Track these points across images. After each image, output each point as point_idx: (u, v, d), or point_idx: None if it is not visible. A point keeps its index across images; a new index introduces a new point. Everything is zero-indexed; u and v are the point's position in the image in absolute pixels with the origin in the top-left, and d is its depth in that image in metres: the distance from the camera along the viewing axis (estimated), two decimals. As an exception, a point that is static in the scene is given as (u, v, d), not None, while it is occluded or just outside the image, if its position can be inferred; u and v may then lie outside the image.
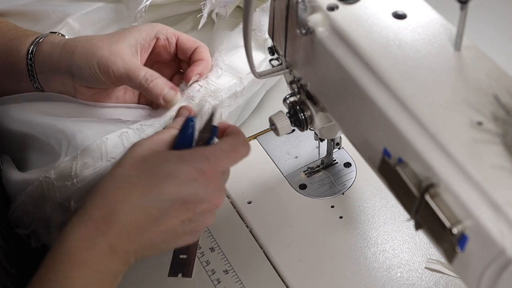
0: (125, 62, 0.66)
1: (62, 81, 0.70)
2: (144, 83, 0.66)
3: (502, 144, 0.41)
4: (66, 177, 0.64)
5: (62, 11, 0.85)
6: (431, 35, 0.49)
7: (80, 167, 0.64)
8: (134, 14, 0.81)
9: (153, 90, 0.66)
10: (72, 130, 0.66)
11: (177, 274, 0.68)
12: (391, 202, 0.73)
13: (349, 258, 0.69)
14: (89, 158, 0.65)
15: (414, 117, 0.44)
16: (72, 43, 0.69)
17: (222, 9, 0.79)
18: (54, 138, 0.67)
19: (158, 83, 0.67)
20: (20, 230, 0.68)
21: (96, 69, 0.66)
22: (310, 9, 0.53)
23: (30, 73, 0.70)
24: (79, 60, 0.67)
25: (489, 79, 0.46)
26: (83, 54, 0.67)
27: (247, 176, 0.78)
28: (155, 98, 0.67)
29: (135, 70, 0.66)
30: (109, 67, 0.66)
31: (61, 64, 0.68)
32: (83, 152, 0.65)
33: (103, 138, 0.65)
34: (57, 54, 0.68)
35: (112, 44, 0.68)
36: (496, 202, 0.39)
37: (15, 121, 0.70)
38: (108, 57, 0.66)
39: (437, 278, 0.66)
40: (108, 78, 0.67)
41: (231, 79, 0.73)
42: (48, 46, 0.69)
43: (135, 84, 0.67)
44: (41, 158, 0.68)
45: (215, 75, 0.73)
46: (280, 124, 0.62)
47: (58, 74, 0.69)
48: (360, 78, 0.49)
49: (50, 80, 0.70)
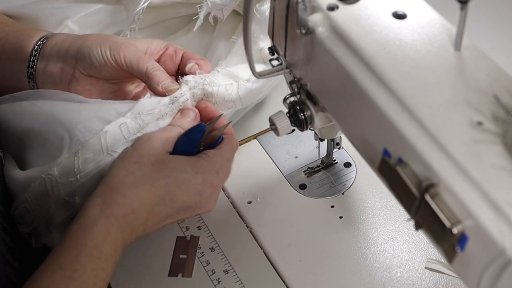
0: (137, 51, 0.70)
1: (62, 66, 0.71)
2: (150, 69, 0.68)
3: (502, 144, 0.41)
4: (69, 174, 0.65)
5: (60, 14, 0.85)
6: (431, 35, 0.49)
7: (82, 162, 0.65)
8: (132, 16, 0.82)
9: (155, 77, 0.68)
10: (71, 123, 0.67)
11: (177, 274, 0.68)
12: (391, 202, 0.73)
13: (349, 258, 0.69)
14: (90, 153, 0.65)
15: (414, 117, 0.44)
16: (88, 34, 0.74)
17: (218, 12, 0.79)
18: (54, 132, 0.67)
19: (161, 73, 0.69)
20: (22, 227, 0.69)
21: (107, 50, 0.69)
22: (310, 9, 0.53)
23: (31, 58, 0.71)
24: (92, 42, 0.70)
25: (489, 79, 0.46)
26: (97, 37, 0.71)
27: (247, 176, 0.78)
28: (155, 84, 0.68)
29: (144, 58, 0.70)
30: (121, 51, 0.69)
31: (70, 48, 0.71)
32: (83, 147, 0.65)
33: (101, 132, 0.65)
34: (70, 41, 0.71)
35: (127, 39, 0.73)
36: (496, 202, 0.39)
37: (14, 118, 0.70)
38: (122, 42, 0.70)
39: (437, 278, 0.66)
40: (116, 62, 0.69)
41: (228, 78, 0.73)
42: (63, 36, 0.73)
43: (141, 71, 0.69)
44: (42, 155, 0.68)
45: (212, 76, 0.73)
46: (280, 124, 0.62)
47: (61, 60, 0.71)
48: (360, 78, 0.49)
49: (49, 65, 0.71)
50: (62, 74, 0.71)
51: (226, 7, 0.78)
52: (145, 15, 0.83)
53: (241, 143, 0.82)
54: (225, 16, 0.79)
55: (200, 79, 0.70)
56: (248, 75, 0.74)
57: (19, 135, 0.70)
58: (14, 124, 0.70)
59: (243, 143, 0.82)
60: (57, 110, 0.69)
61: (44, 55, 0.71)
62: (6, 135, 0.71)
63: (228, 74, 0.73)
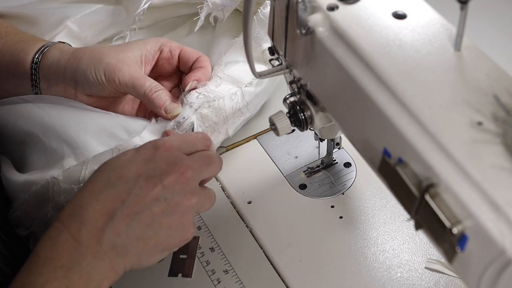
0: (131, 71, 0.68)
1: (65, 87, 0.70)
2: (148, 92, 0.68)
3: (502, 144, 0.41)
4: (73, 181, 0.65)
5: (60, 14, 0.85)
6: (431, 35, 0.49)
7: (89, 173, 0.65)
8: (132, 17, 0.82)
9: (156, 100, 0.68)
10: (76, 129, 0.67)
11: (177, 274, 0.68)
12: (391, 202, 0.73)
13: (349, 258, 0.69)
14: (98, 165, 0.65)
15: (414, 117, 0.44)
16: (80, 50, 0.71)
17: (219, 13, 0.79)
18: (54, 138, 0.67)
19: (161, 94, 0.68)
20: (20, 230, 0.68)
21: (102, 75, 0.68)
22: (310, 9, 0.53)
23: (33, 77, 0.71)
24: (85, 66, 0.68)
25: (489, 79, 0.46)
26: (90, 59, 0.68)
27: (247, 176, 0.78)
28: (157, 108, 0.68)
29: (140, 79, 0.68)
30: (115, 74, 0.67)
31: (66, 70, 0.69)
32: (94, 158, 0.66)
33: (114, 148, 0.66)
34: (64, 60, 0.70)
35: (119, 53, 0.69)
36: (496, 202, 0.39)
37: (19, 120, 0.70)
38: (115, 64, 0.68)
39: (437, 278, 0.66)
40: (112, 85, 0.68)
41: (231, 87, 0.73)
42: (57, 52, 0.71)
43: (139, 93, 0.68)
44: (42, 158, 0.68)
45: (214, 84, 0.73)
46: (280, 124, 0.62)
47: (61, 81, 0.70)
48: (360, 78, 0.49)
49: (52, 86, 0.71)
50: (66, 94, 0.71)
51: (226, 8, 0.78)
52: (145, 15, 0.83)
53: (241, 143, 0.82)
54: (226, 17, 0.79)
55: (204, 97, 0.70)
56: (249, 78, 0.74)
57: (21, 137, 0.70)
58: (17, 125, 0.70)
59: (243, 143, 0.82)
60: (63, 116, 0.69)
61: (44, 75, 0.71)
62: (9, 136, 0.71)
63: (229, 79, 0.73)
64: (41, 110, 0.70)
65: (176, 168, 0.56)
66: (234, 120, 0.74)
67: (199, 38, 0.87)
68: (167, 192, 0.55)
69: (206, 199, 0.59)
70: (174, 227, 0.56)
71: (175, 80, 0.77)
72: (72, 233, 0.52)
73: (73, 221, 0.52)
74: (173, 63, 0.74)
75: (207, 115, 0.71)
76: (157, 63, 0.74)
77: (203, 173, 0.59)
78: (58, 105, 0.70)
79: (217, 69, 0.75)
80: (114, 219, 0.53)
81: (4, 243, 0.67)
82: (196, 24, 0.79)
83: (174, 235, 0.56)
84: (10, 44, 0.72)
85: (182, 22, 0.92)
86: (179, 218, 0.56)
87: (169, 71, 0.75)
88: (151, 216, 0.54)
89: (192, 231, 0.58)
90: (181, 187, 0.56)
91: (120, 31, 0.87)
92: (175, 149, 0.58)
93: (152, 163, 0.55)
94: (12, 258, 0.66)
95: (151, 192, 0.54)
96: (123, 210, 0.53)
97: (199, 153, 0.60)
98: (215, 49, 0.81)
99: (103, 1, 0.88)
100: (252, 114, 0.79)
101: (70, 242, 0.52)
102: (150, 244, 0.55)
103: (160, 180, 0.55)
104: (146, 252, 0.55)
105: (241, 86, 0.74)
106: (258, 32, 0.75)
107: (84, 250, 0.52)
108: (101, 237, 0.52)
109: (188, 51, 0.74)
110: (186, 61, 0.74)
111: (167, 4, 0.86)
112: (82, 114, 0.70)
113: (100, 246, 0.52)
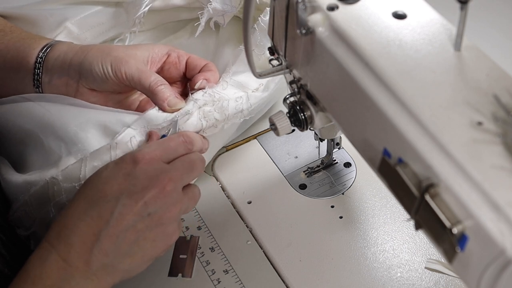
0: (138, 64, 0.69)
1: (67, 81, 0.71)
2: (153, 85, 0.68)
3: (502, 144, 0.41)
4: (74, 180, 0.65)
5: (60, 15, 0.85)
6: (431, 35, 0.49)
7: (89, 170, 0.65)
8: (133, 20, 0.82)
9: (160, 93, 0.68)
10: (71, 130, 0.67)
11: (177, 274, 0.68)
12: (391, 202, 0.73)
13: (349, 258, 0.69)
14: (98, 161, 0.65)
15: (414, 117, 0.44)
16: (89, 45, 0.73)
17: (220, 18, 0.79)
18: (53, 137, 0.67)
19: (166, 88, 0.68)
20: (20, 231, 0.68)
21: (108, 67, 0.68)
22: (310, 9, 0.53)
23: (35, 70, 0.71)
24: (92, 58, 0.69)
25: (489, 79, 0.46)
26: (99, 52, 0.70)
27: (247, 176, 0.78)
28: (160, 101, 0.68)
29: (146, 72, 0.69)
30: (122, 66, 0.68)
31: (72, 62, 0.70)
32: (92, 155, 0.66)
33: (112, 143, 0.66)
34: (72, 53, 0.71)
35: (127, 49, 0.71)
36: (496, 202, 0.39)
37: (19, 118, 0.70)
38: (122, 57, 0.69)
39: (437, 278, 0.66)
40: (118, 78, 0.69)
41: (237, 91, 0.73)
42: (65, 46, 0.72)
43: (144, 86, 0.68)
44: (39, 158, 0.68)
45: (221, 87, 0.72)
46: (280, 124, 0.62)
47: (65, 74, 0.71)
48: (360, 78, 0.49)
49: (54, 79, 0.71)
50: (67, 88, 0.71)
51: (227, 13, 0.78)
52: (145, 19, 0.83)
53: (241, 143, 0.82)
54: (226, 22, 0.79)
55: (209, 96, 0.70)
56: (256, 84, 0.74)
57: (20, 135, 0.70)
58: (17, 124, 0.70)
59: (243, 143, 0.82)
60: (63, 113, 0.69)
61: (48, 68, 0.71)
62: (8, 135, 0.71)
63: (236, 85, 0.73)
64: (41, 107, 0.70)
65: (157, 182, 0.56)
66: (234, 120, 0.74)
67: (201, 43, 0.87)
68: (149, 207, 0.55)
69: (190, 201, 0.60)
70: (158, 239, 0.57)
71: (181, 87, 0.77)
72: (60, 254, 0.53)
73: (61, 242, 0.54)
74: (180, 69, 0.74)
75: (209, 112, 0.70)
76: (164, 68, 0.74)
77: (185, 180, 0.60)
78: (59, 103, 0.70)
79: (225, 76, 0.75)
80: (100, 240, 0.54)
81: (3, 243, 0.67)
82: (197, 28, 0.79)
83: (159, 245, 0.58)
84: (15, 40, 0.73)
85: (182, 26, 0.92)
86: (163, 230, 0.57)
87: (175, 77, 0.75)
88: (136, 233, 0.55)
89: (176, 235, 0.59)
90: (163, 201, 0.56)
91: (120, 34, 0.87)
92: (155, 161, 0.58)
93: (132, 178, 0.56)
94: (10, 258, 0.66)
95: (133, 209, 0.55)
96: (108, 230, 0.54)
97: (180, 159, 0.60)
98: (220, 58, 0.81)
99: (103, 3, 0.87)
100: (254, 119, 0.79)
101: (59, 262, 0.53)
102: (137, 259, 0.56)
103: (141, 196, 0.55)
104: (133, 266, 0.57)
105: (248, 91, 0.74)
106: (261, 40, 0.75)
107: (73, 271, 0.53)
108: (89, 258, 0.53)
109: (195, 58, 0.75)
110: (193, 68, 0.74)
111: (167, 8, 0.86)
112: (82, 110, 0.70)
113: (88, 267, 0.54)
